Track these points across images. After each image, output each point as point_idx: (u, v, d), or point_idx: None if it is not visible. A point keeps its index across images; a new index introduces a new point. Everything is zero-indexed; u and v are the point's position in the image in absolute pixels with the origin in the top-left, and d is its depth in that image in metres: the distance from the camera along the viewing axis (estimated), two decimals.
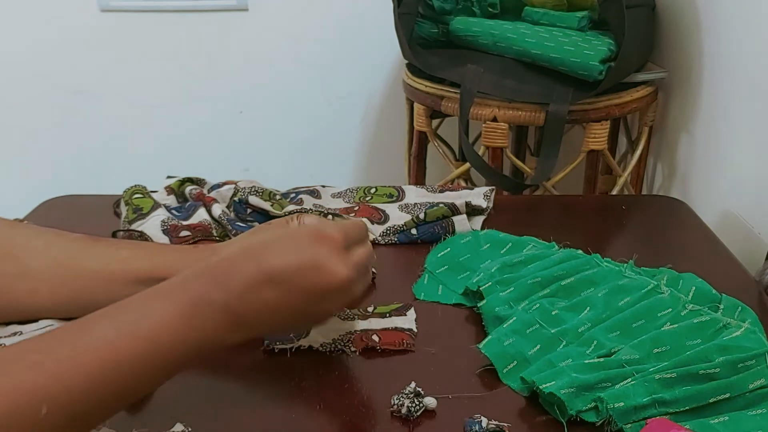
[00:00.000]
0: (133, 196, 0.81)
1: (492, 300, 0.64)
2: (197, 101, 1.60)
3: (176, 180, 0.86)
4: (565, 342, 0.59)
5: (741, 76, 0.95)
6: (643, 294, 0.63)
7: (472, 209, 0.81)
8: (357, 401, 0.55)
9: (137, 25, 1.53)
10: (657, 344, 0.56)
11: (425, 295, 0.69)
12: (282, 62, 1.57)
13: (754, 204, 0.88)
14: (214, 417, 0.53)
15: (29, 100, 1.59)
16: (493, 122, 1.08)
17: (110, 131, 1.63)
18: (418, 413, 0.52)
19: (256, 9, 1.52)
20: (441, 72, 1.13)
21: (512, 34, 1.10)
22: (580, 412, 0.51)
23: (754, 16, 0.92)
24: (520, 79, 1.08)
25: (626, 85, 1.11)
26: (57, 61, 1.55)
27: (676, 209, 0.89)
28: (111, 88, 1.58)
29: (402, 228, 0.78)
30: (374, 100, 1.62)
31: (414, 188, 0.89)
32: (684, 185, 1.14)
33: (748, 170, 0.92)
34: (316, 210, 0.74)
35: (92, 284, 0.59)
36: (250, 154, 1.64)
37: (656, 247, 0.80)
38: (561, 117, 1.04)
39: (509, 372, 0.57)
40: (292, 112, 1.62)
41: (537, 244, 0.74)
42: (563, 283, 0.66)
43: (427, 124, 1.20)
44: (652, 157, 1.28)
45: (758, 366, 0.54)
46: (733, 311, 0.61)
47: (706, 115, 1.06)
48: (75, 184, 1.52)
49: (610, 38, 1.06)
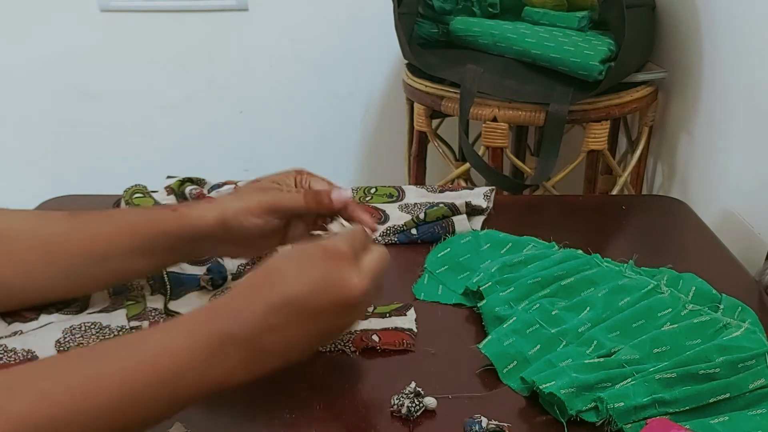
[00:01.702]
0: (133, 196, 0.81)
1: (492, 300, 0.64)
2: (197, 101, 1.60)
3: (176, 180, 0.86)
4: (565, 342, 0.59)
5: (741, 75, 0.95)
6: (643, 294, 0.63)
7: (472, 209, 0.81)
8: (357, 401, 0.55)
9: (137, 25, 1.53)
10: (657, 344, 0.56)
11: (425, 295, 0.69)
12: (282, 62, 1.57)
13: (754, 204, 0.88)
14: (213, 417, 0.53)
15: (29, 99, 1.59)
16: (493, 122, 1.08)
17: (110, 131, 1.63)
18: (418, 413, 0.52)
19: (256, 9, 1.52)
20: (441, 72, 1.13)
21: (512, 34, 1.10)
22: (580, 412, 0.51)
23: (753, 17, 0.92)
24: (520, 79, 1.08)
25: (626, 85, 1.11)
26: (57, 61, 1.55)
27: (676, 209, 0.89)
28: (111, 88, 1.58)
29: (402, 228, 0.78)
30: (374, 100, 1.62)
31: (414, 188, 0.89)
32: (684, 185, 1.14)
33: (748, 170, 0.92)
34: None
35: (83, 263, 0.59)
36: (250, 154, 1.64)
37: (656, 247, 0.80)
38: (561, 117, 1.04)
39: (509, 372, 0.57)
40: (292, 112, 1.62)
41: (537, 244, 0.74)
42: (563, 283, 0.66)
43: (427, 124, 1.20)
44: (652, 157, 1.28)
45: (758, 366, 0.54)
46: (733, 311, 0.61)
47: (706, 115, 1.06)
48: (75, 184, 1.52)
49: (610, 38, 1.06)
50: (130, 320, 0.63)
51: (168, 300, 0.66)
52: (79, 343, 0.59)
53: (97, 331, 0.61)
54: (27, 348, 0.58)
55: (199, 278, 0.69)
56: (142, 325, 0.63)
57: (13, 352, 0.57)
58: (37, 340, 0.59)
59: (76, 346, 0.59)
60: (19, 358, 0.57)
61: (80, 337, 0.60)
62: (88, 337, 0.60)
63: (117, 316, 0.63)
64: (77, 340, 0.60)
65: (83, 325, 0.61)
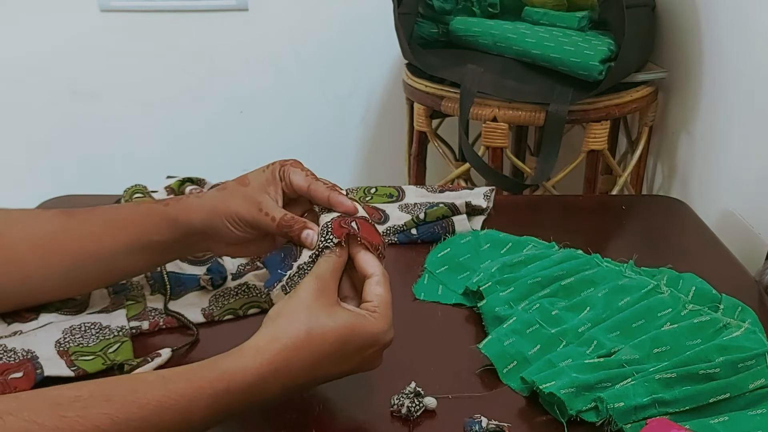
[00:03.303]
0: (133, 196, 0.81)
1: (492, 300, 0.64)
2: (197, 101, 1.60)
3: (176, 180, 0.86)
4: (565, 342, 0.59)
5: (741, 75, 0.95)
6: (643, 294, 0.63)
7: (472, 209, 0.81)
8: (357, 401, 0.55)
9: (137, 25, 1.53)
10: (657, 344, 0.57)
11: (425, 295, 0.69)
12: (282, 62, 1.57)
13: (754, 204, 0.88)
14: None
15: (29, 99, 1.59)
16: (493, 122, 1.08)
17: (110, 131, 1.62)
18: (418, 413, 0.52)
19: (256, 9, 1.52)
20: (441, 72, 1.13)
21: (512, 34, 1.10)
22: (580, 412, 0.51)
23: (754, 16, 0.92)
24: (520, 79, 1.08)
25: (626, 85, 1.11)
26: (57, 61, 1.55)
27: (676, 209, 0.89)
28: (111, 88, 1.58)
29: (402, 228, 0.78)
30: (374, 100, 1.62)
31: (414, 188, 0.89)
32: (684, 185, 1.14)
33: (748, 170, 0.92)
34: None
35: (77, 263, 0.60)
36: (250, 154, 1.63)
37: (656, 247, 0.80)
38: (561, 117, 1.04)
39: (509, 372, 0.57)
40: (292, 112, 1.62)
41: (537, 244, 0.74)
42: (563, 283, 0.66)
43: (427, 124, 1.20)
44: (652, 157, 1.28)
45: (758, 366, 0.54)
46: (733, 311, 0.61)
47: (706, 115, 1.06)
48: (75, 184, 1.52)
49: (610, 38, 1.06)
50: (130, 320, 0.63)
51: (168, 300, 0.66)
52: (78, 343, 0.59)
53: (97, 331, 0.61)
54: (27, 348, 0.58)
55: (199, 278, 0.69)
56: (142, 325, 0.63)
57: (13, 352, 0.57)
58: (37, 340, 0.59)
59: (75, 346, 0.59)
60: (19, 358, 0.57)
61: (80, 337, 0.60)
62: (88, 337, 0.60)
63: (117, 316, 0.63)
64: (77, 340, 0.60)
65: (83, 325, 0.61)
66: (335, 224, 0.54)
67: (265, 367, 0.47)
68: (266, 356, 0.47)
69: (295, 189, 0.57)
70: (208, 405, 0.45)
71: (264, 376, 0.47)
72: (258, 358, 0.47)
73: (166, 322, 0.64)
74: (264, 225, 0.56)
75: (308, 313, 0.49)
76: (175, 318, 0.64)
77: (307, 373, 0.49)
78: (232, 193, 0.58)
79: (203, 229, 0.58)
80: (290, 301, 0.50)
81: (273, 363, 0.47)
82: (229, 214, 0.56)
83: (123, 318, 0.63)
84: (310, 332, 0.48)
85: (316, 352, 0.48)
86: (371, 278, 0.52)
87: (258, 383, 0.46)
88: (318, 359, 0.48)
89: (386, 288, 0.52)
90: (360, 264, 0.53)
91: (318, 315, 0.49)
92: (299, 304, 0.49)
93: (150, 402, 0.43)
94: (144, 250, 0.60)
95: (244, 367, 0.46)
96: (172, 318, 0.64)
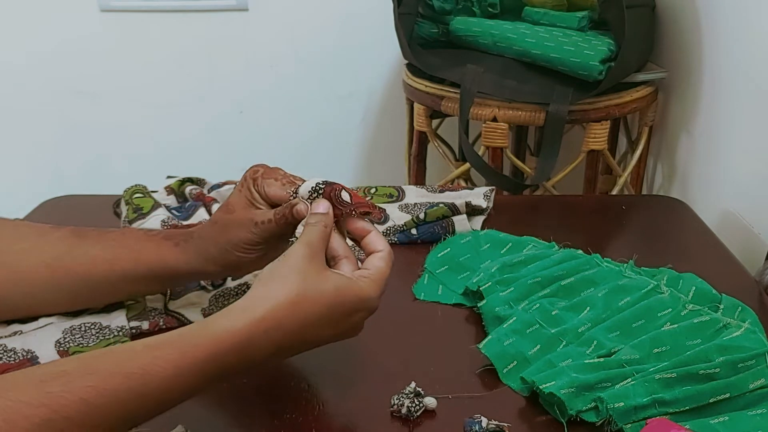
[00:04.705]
0: (133, 196, 0.81)
1: (492, 300, 0.64)
2: (197, 101, 1.60)
3: (176, 180, 0.86)
4: (565, 342, 0.59)
5: (741, 75, 0.95)
6: (643, 294, 0.63)
7: (472, 209, 0.81)
8: (357, 401, 0.55)
9: (137, 25, 1.53)
10: (657, 344, 0.57)
11: (425, 295, 0.69)
12: (282, 62, 1.57)
13: (754, 204, 0.88)
14: (214, 418, 0.53)
15: (29, 99, 1.59)
16: (493, 122, 1.08)
17: (110, 131, 1.62)
18: (418, 413, 0.52)
19: (256, 9, 1.52)
20: (441, 72, 1.13)
21: (512, 34, 1.10)
22: (580, 412, 0.51)
23: (754, 17, 0.92)
24: (520, 79, 1.08)
25: (626, 85, 1.11)
26: (57, 61, 1.55)
27: (676, 209, 0.89)
28: (111, 88, 1.58)
29: (402, 228, 0.78)
30: (374, 100, 1.62)
31: (414, 188, 0.89)
32: (684, 185, 1.14)
33: (748, 170, 0.92)
34: None
35: (85, 284, 0.60)
36: (250, 154, 1.63)
37: (656, 247, 0.80)
38: (561, 117, 1.04)
39: (509, 372, 0.57)
40: (292, 112, 1.62)
41: (537, 244, 0.74)
42: (563, 283, 0.66)
43: (427, 124, 1.20)
44: (652, 157, 1.28)
45: (758, 366, 0.54)
46: (733, 311, 0.61)
47: (706, 115, 1.06)
48: (75, 184, 1.52)
49: (610, 38, 1.06)
50: (130, 320, 0.63)
51: (168, 300, 0.66)
52: (78, 343, 0.59)
53: (97, 331, 0.61)
54: (27, 348, 0.58)
55: None
56: (142, 325, 0.63)
57: (13, 352, 0.57)
58: (37, 340, 0.59)
59: (75, 346, 0.59)
60: (19, 358, 0.57)
61: (80, 337, 0.60)
62: (88, 337, 0.60)
63: (117, 316, 0.63)
64: (77, 340, 0.60)
65: (83, 325, 0.61)
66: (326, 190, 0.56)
67: (254, 326, 0.46)
68: (257, 315, 0.47)
69: (273, 200, 0.58)
70: (197, 369, 0.44)
71: (253, 336, 0.46)
72: (247, 317, 0.47)
73: (166, 322, 0.64)
74: (269, 231, 0.57)
75: (302, 276, 0.49)
76: (175, 318, 0.64)
77: (298, 335, 0.49)
78: (227, 224, 0.58)
79: (221, 271, 0.60)
80: (281, 264, 0.50)
81: (263, 322, 0.47)
82: (236, 245, 0.57)
83: (123, 318, 0.63)
84: (303, 293, 0.48)
85: (309, 312, 0.48)
86: (377, 253, 0.54)
87: (248, 343, 0.46)
88: (310, 320, 0.49)
89: (388, 265, 0.54)
90: (370, 240, 0.55)
91: (311, 278, 0.49)
92: (291, 267, 0.50)
93: (136, 371, 0.42)
94: (153, 281, 0.61)
95: (233, 328, 0.46)
96: (172, 318, 0.64)
